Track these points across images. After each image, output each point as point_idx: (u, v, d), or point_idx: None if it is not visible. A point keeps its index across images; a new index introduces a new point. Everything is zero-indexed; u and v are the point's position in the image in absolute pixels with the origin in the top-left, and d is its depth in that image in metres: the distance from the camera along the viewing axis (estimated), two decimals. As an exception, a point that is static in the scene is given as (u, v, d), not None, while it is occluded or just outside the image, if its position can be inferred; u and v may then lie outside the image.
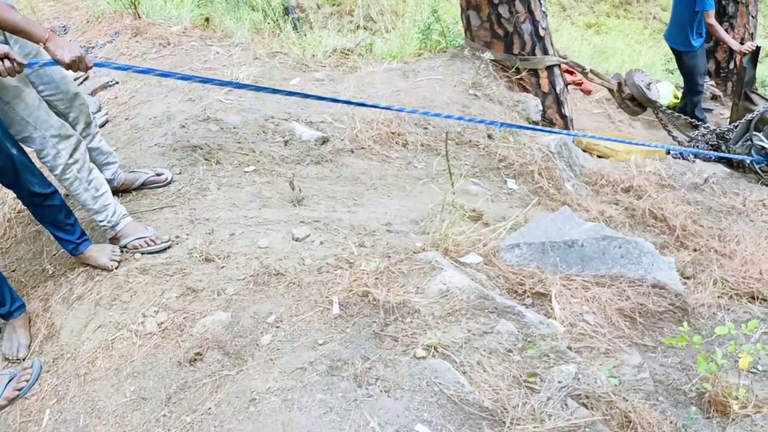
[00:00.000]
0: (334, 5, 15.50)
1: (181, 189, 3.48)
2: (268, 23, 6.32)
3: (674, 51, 7.02)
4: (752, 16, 7.36)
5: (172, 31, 5.29)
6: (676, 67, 7.48)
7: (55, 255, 3.23)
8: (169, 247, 3.04)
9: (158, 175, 3.50)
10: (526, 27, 4.91)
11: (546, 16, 5.07)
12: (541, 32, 4.99)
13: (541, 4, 4.98)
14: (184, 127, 3.89)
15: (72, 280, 3.02)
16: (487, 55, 4.89)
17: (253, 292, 2.74)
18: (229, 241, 3.09)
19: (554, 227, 3.25)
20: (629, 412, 2.21)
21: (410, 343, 2.34)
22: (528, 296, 2.99)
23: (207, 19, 5.69)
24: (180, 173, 3.59)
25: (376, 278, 2.74)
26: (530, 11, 4.88)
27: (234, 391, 2.26)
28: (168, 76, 3.26)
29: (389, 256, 2.99)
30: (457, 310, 2.56)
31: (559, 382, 2.18)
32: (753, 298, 3.48)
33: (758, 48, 6.26)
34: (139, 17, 5.33)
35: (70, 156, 2.91)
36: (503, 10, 4.83)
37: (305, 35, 7.45)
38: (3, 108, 2.72)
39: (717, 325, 2.75)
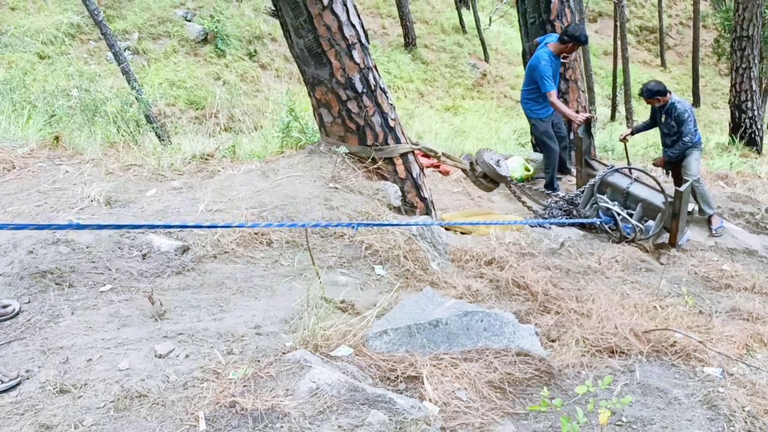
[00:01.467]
0: (197, 109, 15.57)
1: (30, 319, 3.28)
2: (122, 136, 6.24)
3: (527, 116, 7.67)
4: (582, 91, 8.12)
5: (18, 153, 5.10)
6: (529, 140, 8.09)
7: None
8: (18, 384, 2.84)
9: (4, 307, 3.30)
10: (376, 119, 5.15)
11: (394, 108, 5.34)
12: (391, 123, 5.24)
13: (387, 97, 5.26)
14: (32, 252, 3.70)
15: None
16: (342, 149, 5.05)
17: (113, 419, 2.59)
18: (86, 368, 2.92)
19: (418, 309, 3.33)
20: (501, 485, 2.25)
21: (280, 450, 2.29)
22: (401, 381, 3.01)
23: (57, 138, 5.54)
24: (29, 302, 3.39)
25: (244, 386, 2.69)
26: (378, 105, 5.13)
27: None
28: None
29: (258, 360, 2.94)
30: (328, 407, 2.54)
31: (430, 466, 2.19)
32: (612, 352, 3.68)
33: (588, 119, 6.88)
34: (-23, 144, 5.12)
35: None
36: (352, 106, 5.05)
37: (170, 143, 7.39)
38: None
39: (581, 384, 2.87)
